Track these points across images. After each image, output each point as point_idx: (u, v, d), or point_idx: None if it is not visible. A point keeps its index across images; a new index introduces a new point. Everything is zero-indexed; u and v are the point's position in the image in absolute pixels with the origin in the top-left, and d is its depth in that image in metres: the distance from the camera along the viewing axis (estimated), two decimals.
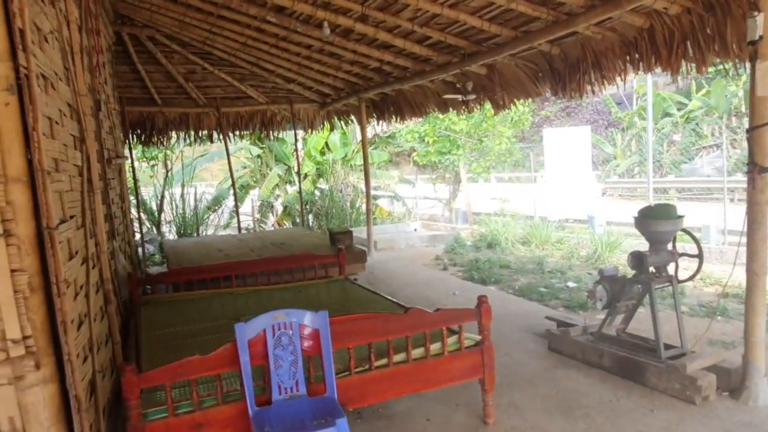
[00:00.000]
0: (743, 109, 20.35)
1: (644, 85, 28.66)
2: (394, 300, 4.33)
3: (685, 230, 3.63)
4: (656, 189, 18.71)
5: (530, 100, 7.47)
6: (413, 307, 3.24)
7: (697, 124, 21.33)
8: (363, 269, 6.41)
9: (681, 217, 3.55)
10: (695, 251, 3.65)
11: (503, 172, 22.39)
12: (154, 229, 11.91)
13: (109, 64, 6.53)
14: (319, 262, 5.41)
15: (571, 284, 6.46)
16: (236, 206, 10.03)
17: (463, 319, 3.18)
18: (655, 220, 3.51)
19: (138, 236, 8.30)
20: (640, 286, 3.70)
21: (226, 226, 13.02)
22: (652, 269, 3.62)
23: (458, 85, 6.26)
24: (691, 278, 3.69)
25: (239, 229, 9.93)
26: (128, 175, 8.09)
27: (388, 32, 5.81)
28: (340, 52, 6.82)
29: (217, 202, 13.30)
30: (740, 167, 18.34)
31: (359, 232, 11.00)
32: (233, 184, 9.76)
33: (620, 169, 22.02)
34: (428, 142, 12.66)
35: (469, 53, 5.79)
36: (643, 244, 8.32)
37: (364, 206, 11.46)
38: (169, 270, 5.43)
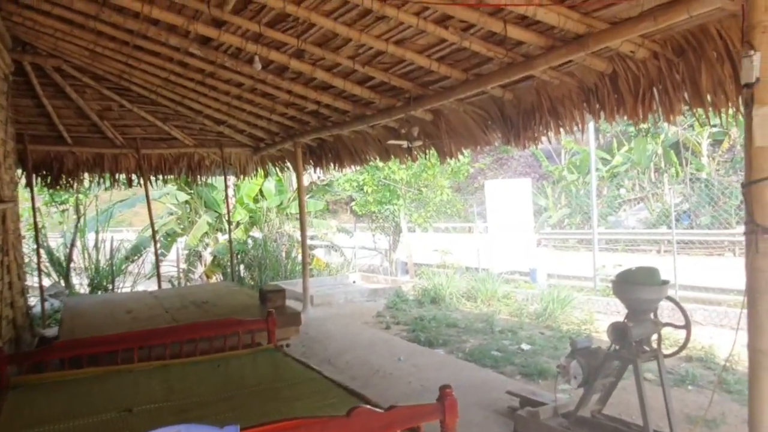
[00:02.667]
0: (663, 165, 21.54)
1: (571, 140, 30.13)
2: (335, 380, 3.59)
3: (669, 298, 3.19)
4: (585, 240, 19.10)
5: (470, 150, 7.16)
6: (358, 407, 2.53)
7: (620, 178, 22.38)
8: (297, 333, 5.62)
9: (666, 282, 3.11)
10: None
11: (441, 222, 22.33)
12: (62, 281, 10.60)
13: (3, 96, 5.63)
14: (245, 328, 4.60)
15: (525, 346, 5.95)
16: (156, 258, 9.00)
17: (423, 418, 2.51)
18: (638, 286, 3.05)
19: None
20: (617, 362, 3.19)
21: (149, 277, 11.84)
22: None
23: (403, 131, 5.80)
24: (677, 352, 3.24)
25: (159, 283, 8.88)
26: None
27: (327, 71, 5.29)
28: (273, 92, 6.24)
29: (136, 251, 12.10)
30: (662, 220, 19.12)
31: (294, 285, 10.18)
32: (153, 233, 8.78)
33: (552, 220, 22.56)
34: (367, 191, 12.17)
35: (415, 96, 5.36)
36: (593, 303, 8.21)
37: (299, 257, 10.71)
38: (49, 346, 4.44)
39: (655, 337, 3.26)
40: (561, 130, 4.67)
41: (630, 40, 3.56)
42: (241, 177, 9.88)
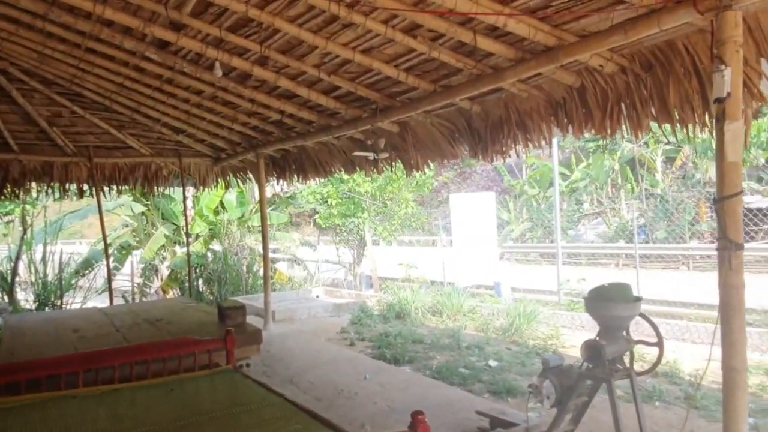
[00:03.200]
0: (619, 180, 22.15)
1: (532, 156, 30.75)
2: (297, 404, 3.39)
3: (642, 314, 3.13)
4: (547, 254, 19.38)
5: (435, 163, 7.09)
6: None
7: (579, 193, 22.95)
8: (258, 352, 5.37)
9: (639, 299, 3.05)
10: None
11: (405, 236, 22.30)
12: (5, 297, 9.99)
13: None
14: (202, 348, 4.34)
15: (492, 363, 5.86)
16: (108, 272, 8.57)
17: None
18: (611, 303, 2.98)
19: None
20: (590, 381, 3.11)
21: (101, 292, 11.29)
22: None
23: (369, 142, 5.67)
24: (650, 370, 3.18)
25: (111, 299, 8.44)
26: None
27: (291, 80, 5.13)
28: (235, 100, 6.03)
29: (87, 264, 11.54)
30: (620, 234, 19.59)
31: (256, 300, 9.89)
32: (105, 246, 8.36)
33: (514, 234, 22.86)
34: (331, 204, 11.98)
35: (382, 108, 5.25)
36: (558, 317, 8.21)
37: (261, 271, 10.40)
38: None
39: (627, 354, 3.20)
40: (529, 143, 4.63)
41: (599, 53, 3.54)
42: (201, 188, 9.56)
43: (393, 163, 6.34)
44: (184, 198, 9.42)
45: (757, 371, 5.22)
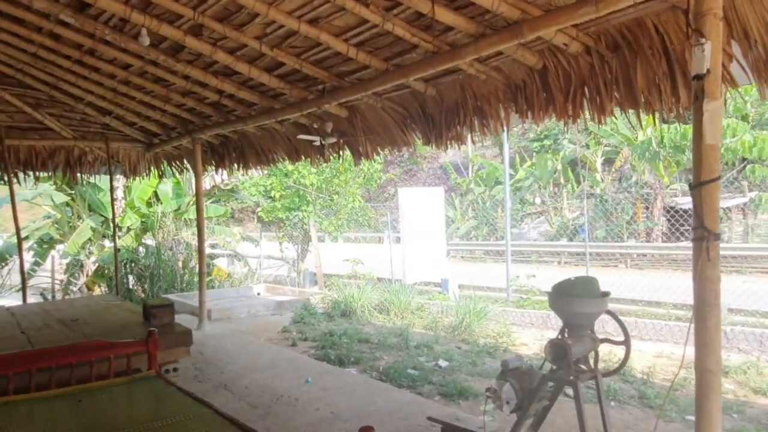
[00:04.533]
0: (561, 180, 22.66)
1: (478, 154, 31.21)
2: (227, 416, 2.96)
3: (609, 312, 2.90)
4: (492, 251, 19.53)
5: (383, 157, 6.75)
6: None
7: (523, 192, 23.37)
8: (187, 354, 4.86)
9: (607, 294, 2.81)
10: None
11: (352, 232, 21.97)
12: None
13: None
14: (118, 352, 3.81)
15: (442, 363, 5.58)
16: (22, 268, 7.72)
17: None
18: (578, 299, 2.73)
19: None
20: (552, 384, 2.84)
21: (18, 289, 10.30)
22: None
23: (315, 126, 5.26)
24: (617, 371, 2.96)
25: (24, 297, 7.62)
26: None
27: (230, 53, 4.64)
28: (167, 76, 5.47)
29: (1, 259, 10.52)
30: (562, 233, 20.01)
31: (191, 298, 9.27)
32: (19, 239, 7.52)
33: (460, 231, 22.99)
34: (275, 196, 11.44)
35: (330, 89, 4.85)
36: (508, 314, 8.05)
37: (198, 267, 9.77)
38: None
39: (592, 354, 2.96)
40: (486, 130, 4.36)
41: (565, 31, 3.30)
42: (132, 177, 8.84)
43: (340, 151, 5.95)
44: (112, 187, 8.66)
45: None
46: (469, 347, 6.36)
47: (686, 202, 18.79)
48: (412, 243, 11.58)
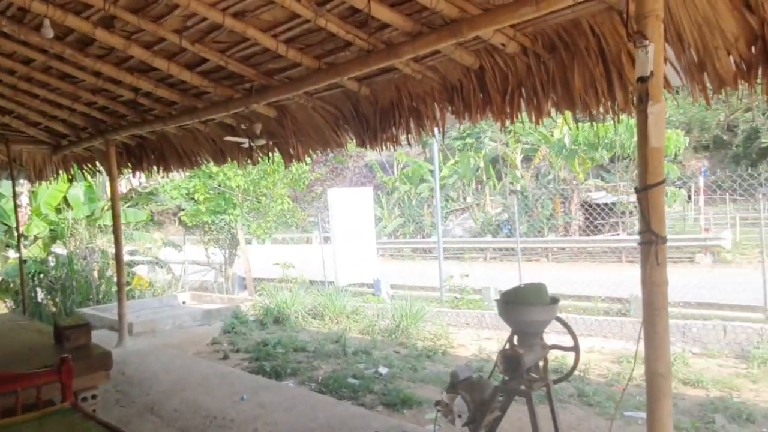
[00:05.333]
0: (484, 177, 23.29)
1: (403, 153, 31.52)
2: None
3: (559, 318, 2.87)
4: (420, 249, 19.74)
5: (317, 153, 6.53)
6: None
7: (447, 190, 23.85)
8: (107, 379, 4.43)
9: (557, 300, 2.78)
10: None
11: (280, 233, 21.48)
12: None
13: None
14: (26, 384, 3.38)
15: (382, 370, 5.45)
16: None
17: None
18: (528, 307, 2.67)
19: None
20: (502, 395, 2.78)
21: None
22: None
23: (243, 126, 4.96)
24: (566, 377, 2.93)
25: None
26: None
27: (146, 48, 4.27)
28: (75, 73, 4.97)
29: None
30: (486, 229, 20.54)
31: (109, 311, 8.61)
32: None
33: (388, 230, 23.09)
34: (199, 199, 10.88)
35: (257, 87, 4.58)
36: (443, 315, 8.03)
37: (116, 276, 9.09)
38: None
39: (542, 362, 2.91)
40: (421, 131, 4.26)
41: (503, 30, 3.24)
42: (37, 182, 8.08)
43: (270, 153, 5.68)
44: (15, 193, 7.86)
45: (637, 361, 5.35)
46: (408, 351, 6.28)
47: (600, 197, 19.83)
48: (343, 244, 11.42)
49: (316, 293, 9.00)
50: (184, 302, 10.61)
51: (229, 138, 5.09)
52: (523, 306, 2.71)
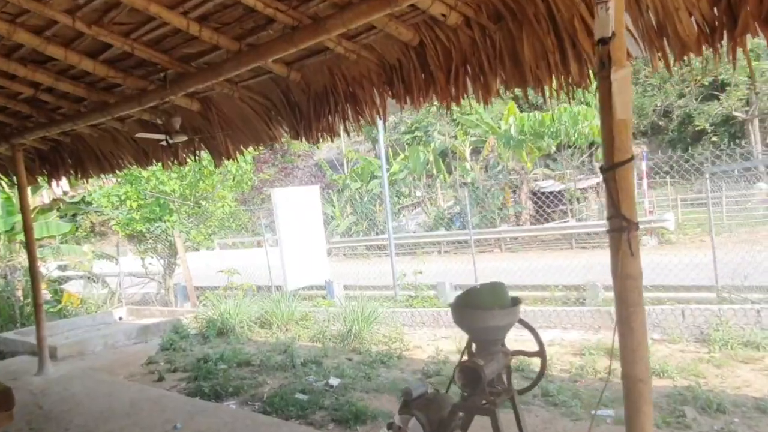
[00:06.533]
0: (434, 171, 23.18)
1: (352, 150, 31.17)
2: None
3: (522, 321, 2.52)
4: (374, 246, 19.38)
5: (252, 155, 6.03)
6: None
7: (399, 185, 23.65)
8: (9, 420, 3.82)
9: (518, 301, 2.43)
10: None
11: (229, 238, 20.68)
12: None
13: None
14: None
15: (333, 381, 5.01)
16: None
17: None
18: (488, 312, 2.31)
19: None
20: (462, 414, 2.41)
21: None
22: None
23: (160, 121, 4.42)
24: (532, 386, 2.59)
25: None
26: None
27: (36, 33, 3.67)
28: None
29: None
30: (439, 222, 20.41)
31: (33, 335, 7.78)
32: None
33: (340, 229, 22.63)
34: (131, 206, 10.10)
35: (173, 76, 4.05)
36: (398, 315, 7.65)
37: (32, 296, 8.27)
38: None
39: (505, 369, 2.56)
40: (360, 118, 3.86)
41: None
42: None
43: (197, 152, 5.16)
44: None
45: (598, 352, 5.16)
46: (361, 357, 5.86)
47: (548, 185, 20.04)
48: (291, 246, 10.87)
49: (263, 299, 8.45)
50: (120, 318, 9.83)
51: (141, 135, 4.53)
52: (480, 310, 2.35)
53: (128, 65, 4.11)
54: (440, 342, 6.17)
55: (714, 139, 24.62)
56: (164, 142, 4.39)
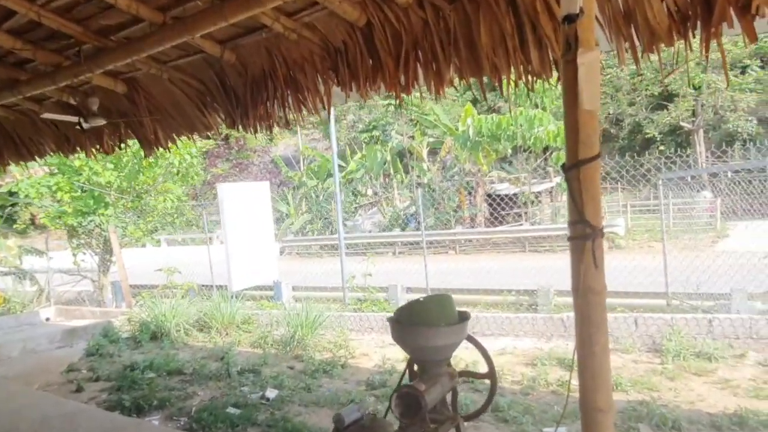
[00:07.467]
0: (391, 171, 22.96)
1: (309, 147, 30.69)
2: None
3: (470, 338, 2.22)
4: (328, 246, 18.99)
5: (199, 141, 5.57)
6: None
7: (355, 184, 23.36)
8: None
9: (466, 317, 2.13)
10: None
11: (175, 233, 19.85)
12: None
13: None
14: None
15: (270, 393, 4.62)
16: None
17: None
18: (432, 329, 1.99)
19: None
20: None
21: None
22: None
23: (74, 101, 3.93)
24: (478, 413, 2.30)
25: None
26: None
27: None
28: None
29: None
30: (394, 223, 20.20)
31: None
32: None
33: (295, 227, 22.15)
34: (62, 198, 9.37)
35: (90, 52, 3.58)
36: (345, 319, 7.28)
37: None
38: None
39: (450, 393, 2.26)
40: (303, 106, 3.50)
41: None
42: None
43: (124, 139, 4.67)
44: None
45: (551, 362, 4.96)
46: (303, 366, 5.49)
47: (503, 188, 20.13)
48: (238, 244, 10.35)
49: (202, 301, 7.95)
50: (47, 319, 9.12)
51: (49, 115, 4.02)
52: (424, 327, 2.04)
53: (38, 37, 3.60)
54: (388, 349, 5.86)
55: (662, 147, 25.40)
56: (79, 126, 3.89)
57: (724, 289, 5.98)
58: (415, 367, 2.19)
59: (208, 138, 14.05)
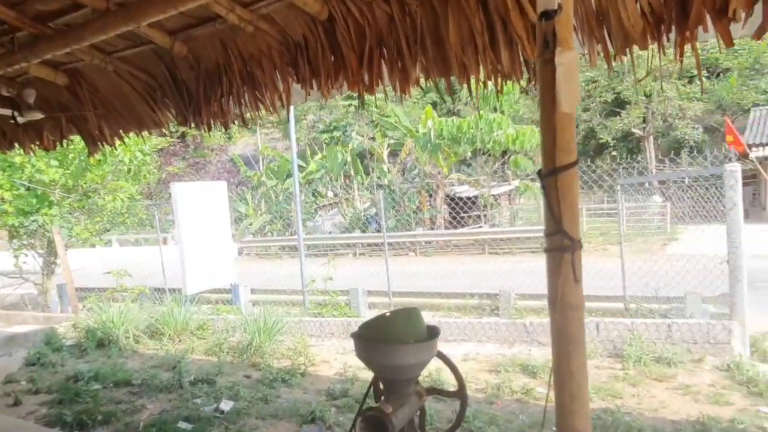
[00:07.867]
0: (352, 172, 22.81)
1: (269, 146, 30.23)
2: None
3: (440, 354, 2.09)
4: (288, 247, 18.67)
5: (148, 137, 5.28)
6: None
7: (316, 185, 23.14)
8: None
9: (436, 333, 1.99)
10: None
11: (128, 233, 19.15)
12: None
13: None
14: None
15: (225, 405, 4.39)
16: None
17: None
18: (401, 347, 1.84)
19: None
20: None
21: None
22: None
23: (8, 93, 3.62)
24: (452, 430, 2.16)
25: None
26: None
27: None
28: None
29: None
30: (355, 224, 20.07)
31: None
32: None
33: (254, 227, 21.75)
34: (2, 197, 8.80)
35: (25, 39, 3.29)
36: (305, 325, 7.06)
37: None
38: None
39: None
40: (260, 104, 3.31)
41: None
42: None
43: (66, 134, 4.36)
44: None
45: (514, 369, 4.90)
46: (261, 374, 5.26)
47: (463, 191, 20.26)
48: (193, 245, 9.97)
49: (154, 306, 7.59)
50: None
51: None
52: (392, 345, 1.89)
53: None
54: (349, 356, 5.70)
55: (614, 153, 26.11)
56: (13, 120, 3.58)
57: (678, 292, 6.08)
58: (381, 385, 2.05)
59: (163, 135, 13.53)
